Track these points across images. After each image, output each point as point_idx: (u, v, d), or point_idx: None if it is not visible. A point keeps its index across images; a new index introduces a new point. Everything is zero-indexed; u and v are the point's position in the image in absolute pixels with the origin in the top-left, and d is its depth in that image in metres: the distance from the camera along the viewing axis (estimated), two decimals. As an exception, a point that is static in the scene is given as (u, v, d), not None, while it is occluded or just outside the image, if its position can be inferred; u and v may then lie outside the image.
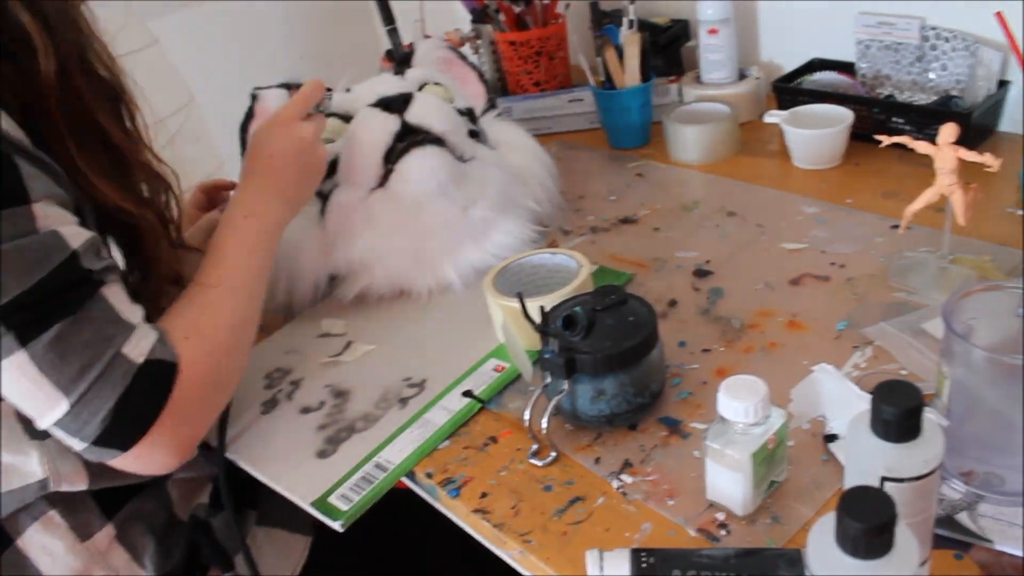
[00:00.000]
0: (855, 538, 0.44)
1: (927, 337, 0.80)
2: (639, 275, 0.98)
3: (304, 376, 0.92)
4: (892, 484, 0.53)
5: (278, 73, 1.12)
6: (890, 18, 1.17)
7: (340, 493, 0.75)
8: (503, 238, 1.01)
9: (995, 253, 0.89)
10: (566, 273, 0.91)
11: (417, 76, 1.07)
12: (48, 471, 0.74)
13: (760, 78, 1.31)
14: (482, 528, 0.72)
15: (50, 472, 0.74)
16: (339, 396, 0.88)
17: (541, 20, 1.41)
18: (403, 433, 0.81)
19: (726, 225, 1.05)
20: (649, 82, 1.27)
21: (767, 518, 0.66)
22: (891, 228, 0.97)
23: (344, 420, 0.84)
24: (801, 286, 0.91)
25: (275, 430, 0.85)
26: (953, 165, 0.80)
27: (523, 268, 0.93)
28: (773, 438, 0.65)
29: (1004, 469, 0.63)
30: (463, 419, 0.81)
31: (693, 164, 1.21)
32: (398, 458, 0.78)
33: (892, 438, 0.53)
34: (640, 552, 0.61)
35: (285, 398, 0.89)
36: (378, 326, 0.98)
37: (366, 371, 0.91)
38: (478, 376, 0.86)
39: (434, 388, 0.86)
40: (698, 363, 0.83)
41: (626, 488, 0.71)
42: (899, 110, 1.14)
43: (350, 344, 0.96)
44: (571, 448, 0.76)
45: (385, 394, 0.87)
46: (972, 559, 0.61)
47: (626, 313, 0.76)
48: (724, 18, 1.27)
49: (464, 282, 0.99)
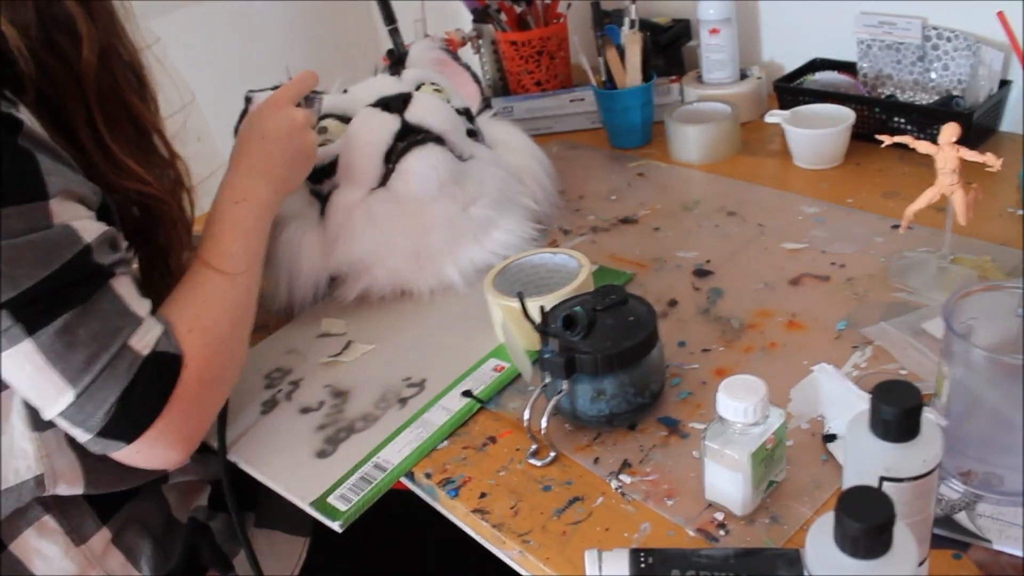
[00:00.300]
0: (854, 538, 0.44)
1: (927, 337, 0.80)
2: (639, 275, 0.98)
3: (304, 376, 0.92)
4: (891, 484, 0.53)
5: (279, 72, 1.12)
6: (891, 18, 1.16)
7: (339, 493, 0.75)
8: (504, 236, 1.01)
9: (996, 253, 0.89)
10: (566, 273, 0.91)
11: (413, 76, 1.07)
12: (44, 467, 0.74)
13: (761, 78, 1.31)
14: (481, 528, 0.72)
15: (46, 468, 0.74)
16: (339, 396, 0.88)
17: (542, 20, 1.41)
18: (402, 433, 0.81)
19: (726, 225, 1.05)
20: (650, 82, 1.27)
21: (766, 518, 0.66)
22: (892, 228, 0.97)
23: (343, 420, 0.84)
24: (801, 286, 0.91)
25: (274, 430, 0.85)
26: (954, 165, 0.80)
27: (523, 268, 0.93)
28: (772, 438, 0.64)
29: (1003, 469, 0.63)
30: (462, 419, 0.81)
31: (694, 164, 1.21)
32: (397, 458, 0.78)
33: (891, 438, 0.52)
34: (639, 552, 0.61)
35: (284, 398, 0.89)
36: (378, 326, 0.98)
37: (366, 371, 0.91)
38: (478, 376, 0.86)
39: (434, 388, 0.86)
40: (698, 363, 0.83)
41: (625, 488, 0.71)
42: (900, 110, 1.14)
43: (350, 344, 0.96)
44: (570, 448, 0.76)
45: (385, 394, 0.87)
46: (971, 559, 0.61)
47: (626, 313, 0.76)
48: (725, 18, 1.27)
49: (466, 281, 0.99)
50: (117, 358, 0.68)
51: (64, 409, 0.68)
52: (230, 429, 0.85)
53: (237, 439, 0.85)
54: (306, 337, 0.99)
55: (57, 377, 0.67)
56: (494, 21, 1.43)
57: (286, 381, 0.92)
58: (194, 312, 0.76)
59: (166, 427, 0.71)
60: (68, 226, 0.67)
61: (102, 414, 0.68)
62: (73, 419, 0.68)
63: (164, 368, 0.71)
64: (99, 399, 0.68)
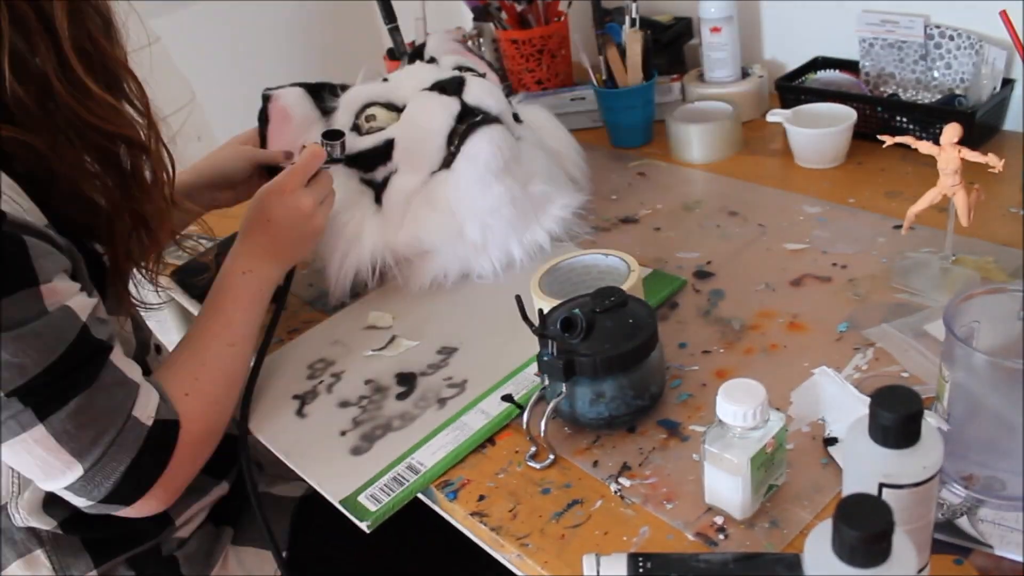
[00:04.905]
0: (852, 546, 0.44)
1: (929, 339, 0.79)
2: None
3: (346, 369, 0.92)
4: (891, 490, 0.52)
5: (279, 72, 1.12)
6: (894, 16, 1.16)
7: (370, 493, 0.75)
8: (560, 212, 1.02)
9: (998, 254, 0.89)
10: (616, 276, 0.88)
11: (451, 62, 1.08)
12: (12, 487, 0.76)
13: (763, 76, 1.30)
14: (479, 531, 0.71)
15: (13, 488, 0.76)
16: (379, 392, 0.87)
17: (543, 18, 1.40)
18: (439, 435, 0.80)
19: (727, 225, 1.04)
20: (651, 81, 1.26)
21: (766, 522, 0.66)
22: (894, 228, 0.97)
23: (381, 417, 0.84)
24: (802, 287, 0.91)
25: (312, 422, 0.85)
26: (956, 166, 0.80)
27: (574, 268, 0.91)
28: (772, 442, 0.64)
29: (1005, 473, 0.62)
30: (500, 424, 0.80)
31: (695, 163, 1.21)
32: (431, 461, 0.77)
33: (891, 444, 0.52)
34: (638, 556, 0.61)
35: (325, 390, 0.89)
36: (424, 321, 0.97)
37: (408, 367, 0.90)
38: (520, 380, 0.84)
39: (474, 390, 0.85)
40: (698, 365, 0.83)
41: (624, 491, 0.71)
42: (903, 109, 1.13)
43: (394, 338, 0.95)
44: (569, 451, 0.76)
45: (424, 393, 0.86)
46: (972, 564, 0.60)
47: (625, 315, 0.76)
48: (727, 16, 1.26)
49: (530, 258, 0.99)
50: (124, 431, 0.70)
51: (72, 483, 0.70)
52: (270, 417, 0.87)
53: (273, 426, 0.86)
54: (352, 329, 0.98)
55: (67, 455, 0.68)
56: (495, 19, 1.42)
57: (328, 373, 0.92)
58: (193, 376, 0.79)
59: (163, 486, 0.74)
60: (65, 307, 0.68)
61: (110, 484, 0.70)
62: (79, 491, 0.70)
63: (166, 435, 0.73)
64: (108, 471, 0.70)
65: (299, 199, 0.88)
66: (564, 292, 0.85)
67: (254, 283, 0.86)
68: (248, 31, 1.80)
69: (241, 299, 0.85)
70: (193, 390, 0.77)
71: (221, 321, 0.83)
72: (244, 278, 0.86)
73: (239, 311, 0.84)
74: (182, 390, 0.76)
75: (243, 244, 0.88)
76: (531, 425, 0.76)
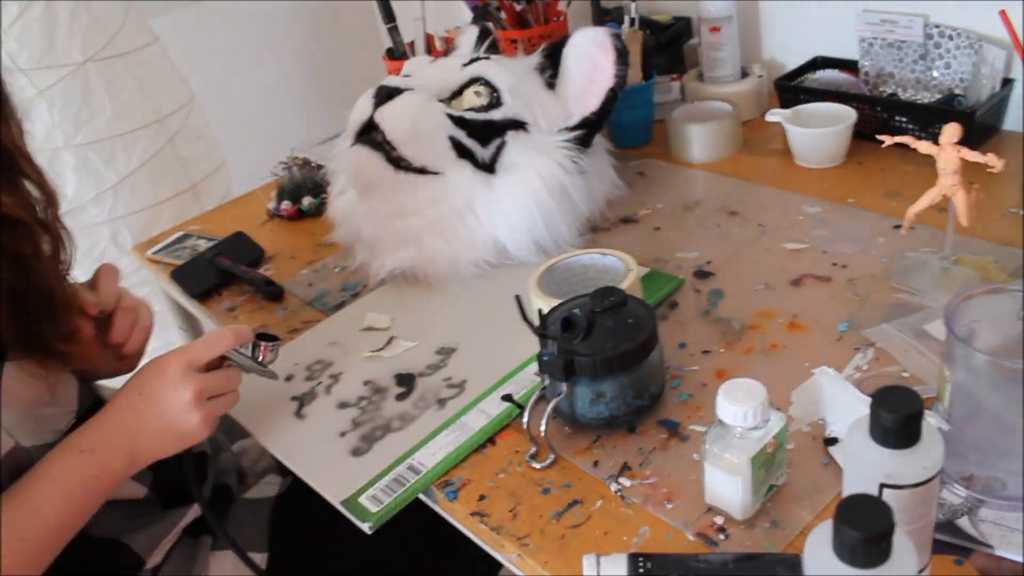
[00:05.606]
0: (852, 547, 0.44)
1: (929, 339, 0.79)
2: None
3: (344, 370, 0.92)
4: (891, 491, 0.52)
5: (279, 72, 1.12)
6: (893, 16, 1.16)
7: (371, 494, 0.75)
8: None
9: (998, 254, 0.89)
10: (614, 275, 0.89)
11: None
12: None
13: (762, 76, 1.30)
14: (480, 531, 0.71)
15: None
16: (378, 393, 0.87)
17: (542, 18, 1.40)
18: (439, 435, 0.80)
19: (727, 225, 1.04)
20: (651, 80, 1.26)
21: (766, 522, 0.66)
22: (893, 228, 0.97)
23: (380, 418, 0.84)
24: (802, 287, 0.91)
25: (312, 423, 0.85)
26: (956, 166, 0.80)
27: (571, 268, 0.92)
28: (772, 442, 0.64)
29: (1006, 473, 0.62)
30: (500, 424, 0.80)
31: (695, 163, 1.21)
32: (431, 461, 0.77)
33: (891, 444, 0.52)
34: (638, 557, 0.61)
35: (324, 391, 0.89)
36: (422, 322, 0.97)
37: (406, 368, 0.90)
38: (520, 379, 0.84)
39: (474, 390, 0.85)
40: (698, 365, 0.83)
41: (624, 491, 0.71)
42: (902, 108, 1.13)
43: (392, 339, 0.95)
44: (570, 451, 0.76)
45: (424, 393, 0.86)
46: (972, 564, 0.60)
47: (625, 315, 0.76)
48: (726, 16, 1.26)
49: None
50: None
51: None
52: (269, 418, 0.86)
53: (273, 428, 0.85)
54: (350, 330, 0.98)
55: None
56: (494, 19, 1.42)
57: (326, 374, 0.91)
58: None
59: None
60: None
61: None
62: None
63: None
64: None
65: (186, 385, 0.73)
66: (562, 291, 0.85)
67: (90, 469, 0.71)
68: (248, 31, 1.80)
69: (61, 484, 0.69)
70: None
71: (26, 504, 0.68)
72: (80, 458, 0.71)
73: (54, 500, 0.68)
74: None
75: (102, 413, 0.74)
76: (531, 425, 0.76)
